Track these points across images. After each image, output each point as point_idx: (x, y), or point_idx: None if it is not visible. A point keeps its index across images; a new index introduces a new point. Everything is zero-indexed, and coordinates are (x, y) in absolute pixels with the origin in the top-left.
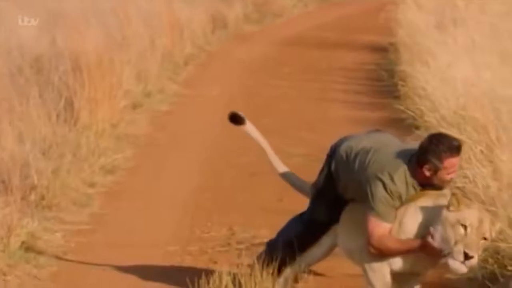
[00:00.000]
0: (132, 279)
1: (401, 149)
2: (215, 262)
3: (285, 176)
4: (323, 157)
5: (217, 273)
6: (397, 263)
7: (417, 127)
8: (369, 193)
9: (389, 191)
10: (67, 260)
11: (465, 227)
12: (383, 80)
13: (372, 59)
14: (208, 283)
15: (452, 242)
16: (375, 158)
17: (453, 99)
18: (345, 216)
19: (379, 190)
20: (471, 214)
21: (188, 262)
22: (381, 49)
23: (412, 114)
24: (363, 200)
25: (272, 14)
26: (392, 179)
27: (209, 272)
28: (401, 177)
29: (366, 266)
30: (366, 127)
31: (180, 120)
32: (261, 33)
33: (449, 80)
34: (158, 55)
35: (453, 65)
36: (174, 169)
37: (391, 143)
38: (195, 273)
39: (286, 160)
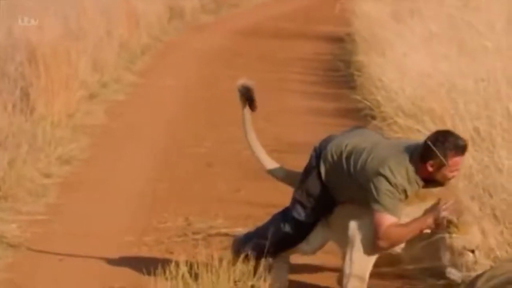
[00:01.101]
0: (89, 269)
1: (396, 145)
2: (172, 253)
3: (273, 172)
4: (280, 147)
5: (173, 263)
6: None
7: (374, 117)
8: (373, 190)
9: (393, 185)
10: (23, 250)
11: (472, 251)
12: (340, 70)
13: (329, 50)
14: (165, 273)
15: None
16: (372, 156)
17: (410, 89)
18: (339, 214)
19: (383, 185)
20: (474, 236)
21: (144, 252)
22: (338, 40)
23: (369, 104)
24: (363, 201)
25: (228, 4)
26: (394, 173)
27: (165, 262)
28: (403, 172)
29: (354, 256)
30: (323, 118)
31: (137, 110)
32: (218, 23)
33: (406, 71)
34: (115, 45)
35: (410, 56)
36: (130, 159)
37: (381, 140)
38: (152, 263)
39: (243, 150)
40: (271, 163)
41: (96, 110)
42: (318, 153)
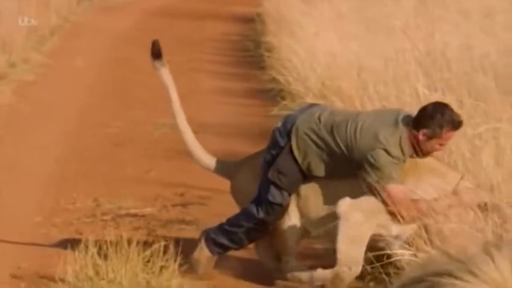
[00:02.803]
0: None
1: (380, 115)
2: (81, 233)
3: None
4: (191, 127)
5: (82, 244)
6: None
7: (283, 98)
8: (375, 163)
9: (393, 156)
10: None
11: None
12: (250, 51)
13: (239, 30)
14: (74, 253)
15: None
16: (361, 128)
17: (320, 69)
18: (316, 199)
19: (384, 157)
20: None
21: (53, 233)
22: (249, 20)
23: (278, 84)
24: (349, 174)
25: None
26: (391, 145)
27: (74, 243)
28: (398, 142)
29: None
30: (233, 98)
31: (45, 90)
32: (130, 4)
33: (315, 51)
34: (23, 25)
35: (320, 36)
36: (39, 139)
37: (357, 111)
38: (61, 244)
39: (154, 131)
40: (202, 153)
41: (3, 91)
42: (286, 132)
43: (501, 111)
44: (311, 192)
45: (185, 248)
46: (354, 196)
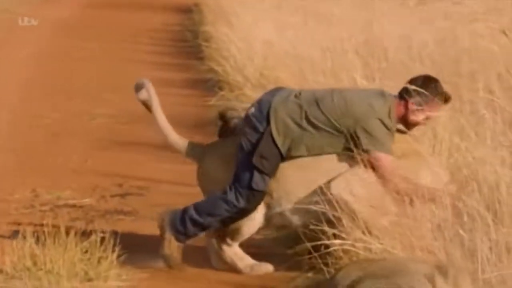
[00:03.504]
0: None
1: (363, 90)
2: (19, 224)
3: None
4: (129, 118)
5: (20, 235)
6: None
7: (221, 88)
8: (369, 131)
9: (388, 127)
10: None
11: None
12: (188, 41)
13: (178, 20)
14: (12, 244)
15: None
16: (351, 98)
17: (258, 59)
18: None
19: (380, 127)
20: None
21: None
22: (187, 10)
23: (216, 75)
24: (336, 147)
25: None
26: (385, 115)
27: (13, 234)
28: (387, 112)
29: None
30: (171, 88)
31: None
32: None
33: (253, 41)
34: None
35: (258, 26)
36: None
37: (332, 88)
38: None
39: (90, 121)
40: (177, 138)
41: None
42: (263, 117)
43: None
44: (289, 173)
45: (124, 238)
46: (333, 172)
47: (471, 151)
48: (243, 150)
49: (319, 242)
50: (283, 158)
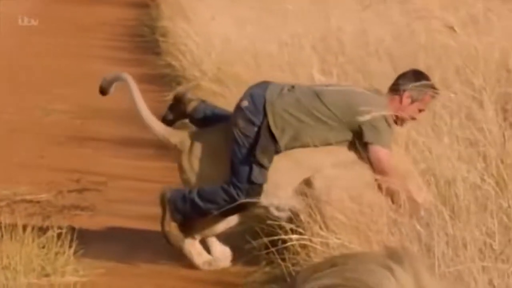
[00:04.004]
0: None
1: (356, 88)
2: None
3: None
4: (84, 113)
5: None
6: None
7: (178, 83)
8: (373, 126)
9: (388, 122)
10: None
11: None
12: (145, 36)
13: (134, 15)
14: None
15: None
16: (353, 92)
17: (215, 54)
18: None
19: (381, 121)
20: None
21: None
22: (143, 5)
23: (173, 70)
24: (334, 140)
25: None
26: (386, 111)
27: None
28: (387, 109)
29: None
30: None
31: None
32: None
33: (211, 35)
34: None
35: (215, 20)
36: None
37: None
38: None
39: (45, 116)
40: (158, 124)
41: None
42: (258, 111)
43: None
44: (281, 165)
45: (81, 233)
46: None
47: (428, 146)
48: (238, 144)
49: (276, 237)
50: (277, 151)
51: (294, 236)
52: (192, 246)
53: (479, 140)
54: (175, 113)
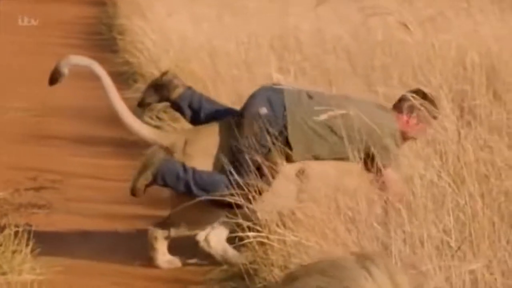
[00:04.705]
0: None
1: (368, 103)
2: None
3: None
4: (44, 111)
5: None
6: None
7: (136, 80)
8: (384, 149)
9: (397, 143)
10: None
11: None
12: (103, 34)
13: (91, 13)
14: None
15: None
16: (366, 114)
17: (172, 51)
18: None
19: (391, 144)
20: None
21: None
22: (100, 3)
23: (131, 67)
24: (339, 155)
25: None
26: (394, 131)
27: None
28: (396, 129)
29: None
30: (86, 81)
31: None
32: None
33: (168, 33)
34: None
35: (173, 18)
36: None
37: (347, 96)
38: None
39: (2, 115)
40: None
41: None
42: (275, 119)
43: (355, 92)
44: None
45: (38, 232)
46: None
47: None
48: (251, 148)
49: (233, 234)
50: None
51: (252, 234)
52: (162, 245)
53: (436, 137)
54: (156, 96)
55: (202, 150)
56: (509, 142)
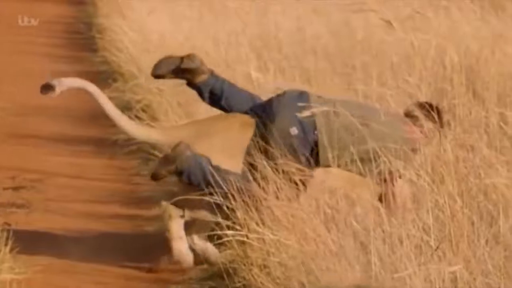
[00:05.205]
0: None
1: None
2: None
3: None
4: (25, 110)
5: None
6: None
7: (115, 79)
8: (398, 155)
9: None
10: None
11: None
12: (82, 33)
13: (71, 12)
14: None
15: None
16: (386, 128)
17: (152, 50)
18: None
19: (405, 152)
20: None
21: None
22: (80, 2)
23: (110, 66)
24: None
25: None
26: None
27: None
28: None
29: None
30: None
31: None
32: None
33: (147, 32)
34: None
35: (153, 17)
36: None
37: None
38: None
39: None
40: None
41: None
42: (306, 140)
43: (335, 91)
44: None
45: (17, 231)
46: None
47: None
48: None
49: (212, 233)
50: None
51: (230, 232)
52: (180, 229)
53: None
54: (175, 74)
55: (219, 146)
56: (488, 141)
